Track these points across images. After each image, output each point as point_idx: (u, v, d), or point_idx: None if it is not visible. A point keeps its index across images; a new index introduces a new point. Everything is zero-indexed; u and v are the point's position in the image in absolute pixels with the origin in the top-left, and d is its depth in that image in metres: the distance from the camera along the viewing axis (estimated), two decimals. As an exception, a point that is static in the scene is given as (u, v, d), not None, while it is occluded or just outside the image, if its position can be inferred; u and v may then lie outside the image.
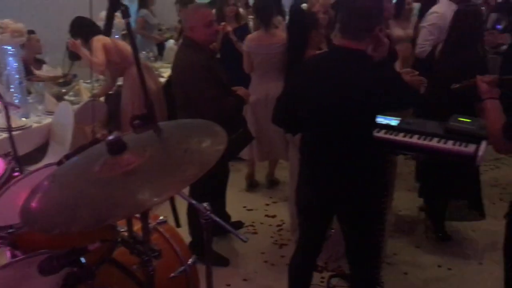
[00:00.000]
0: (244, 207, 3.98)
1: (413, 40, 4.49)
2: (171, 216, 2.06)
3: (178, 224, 1.65)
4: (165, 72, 5.05)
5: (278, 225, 3.65)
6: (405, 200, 3.87)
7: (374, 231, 2.24)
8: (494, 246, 3.18)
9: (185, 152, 1.30)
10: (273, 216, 3.81)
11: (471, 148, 2.38)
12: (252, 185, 4.32)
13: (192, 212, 2.78)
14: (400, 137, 2.54)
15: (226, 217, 3.48)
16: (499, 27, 5.22)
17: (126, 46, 4.02)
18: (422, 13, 4.56)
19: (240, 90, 3.02)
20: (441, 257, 3.26)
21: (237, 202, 3.97)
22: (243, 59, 3.87)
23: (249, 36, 3.90)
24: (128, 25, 1.55)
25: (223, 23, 4.39)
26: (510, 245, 2.02)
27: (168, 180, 1.25)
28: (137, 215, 1.51)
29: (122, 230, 1.63)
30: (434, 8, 4.00)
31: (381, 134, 2.57)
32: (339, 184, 2.10)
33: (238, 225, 3.59)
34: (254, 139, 3.47)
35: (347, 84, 1.94)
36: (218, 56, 4.56)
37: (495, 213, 3.32)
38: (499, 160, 4.68)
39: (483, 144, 2.37)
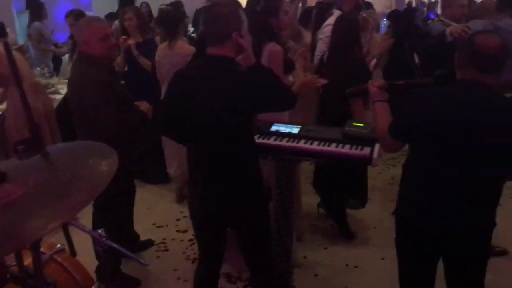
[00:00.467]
0: (154, 224, 3.88)
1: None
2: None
3: (73, 253, 1.54)
4: (62, 89, 4.78)
5: (190, 240, 3.60)
6: (312, 202, 4.00)
7: (265, 238, 2.29)
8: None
9: (73, 178, 1.22)
10: (185, 231, 3.74)
11: (366, 151, 2.52)
12: (182, 197, 4.22)
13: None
14: (301, 144, 2.62)
15: (134, 236, 3.36)
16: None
17: (18, 61, 3.72)
18: (316, 23, 4.77)
19: (142, 105, 2.94)
20: (348, 256, 3.41)
21: (146, 219, 3.86)
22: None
23: (159, 45, 4.07)
24: (6, 44, 1.44)
25: (123, 37, 4.26)
26: (399, 239, 2.17)
27: (55, 208, 1.16)
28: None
29: (12, 264, 1.50)
30: (329, 21, 4.19)
31: (284, 142, 2.64)
32: (223, 194, 2.13)
33: (148, 243, 3.48)
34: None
35: (215, 91, 1.98)
36: (126, 69, 4.44)
37: (390, 209, 3.55)
38: (395, 159, 5.02)
39: (377, 146, 2.52)
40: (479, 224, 1.97)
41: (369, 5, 6.35)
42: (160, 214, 4.07)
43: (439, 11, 10.43)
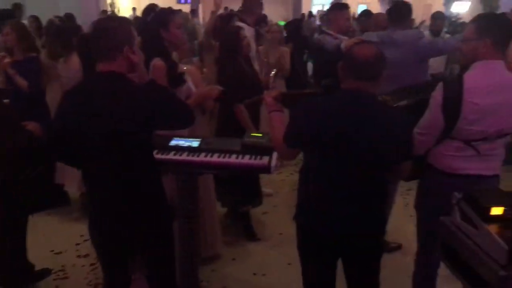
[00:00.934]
0: (52, 251, 3.62)
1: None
2: None
3: None
4: None
5: (92, 264, 3.41)
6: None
7: (168, 259, 2.24)
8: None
9: None
10: (86, 256, 3.54)
11: (265, 160, 2.57)
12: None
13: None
14: (201, 157, 2.61)
15: (28, 266, 3.10)
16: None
17: None
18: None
19: (30, 125, 2.74)
20: (255, 265, 3.45)
21: (42, 247, 3.60)
22: None
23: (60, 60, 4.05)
24: None
25: (1, 54, 3.97)
26: (300, 245, 2.24)
27: None
28: None
29: None
30: None
31: (184, 156, 2.60)
32: (122, 215, 2.04)
33: (45, 273, 3.23)
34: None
35: (109, 109, 1.90)
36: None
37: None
38: (298, 166, 5.17)
39: (275, 155, 2.59)
40: (371, 223, 2.10)
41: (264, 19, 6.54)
42: (58, 239, 3.81)
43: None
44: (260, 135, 2.70)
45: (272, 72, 4.75)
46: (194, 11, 13.08)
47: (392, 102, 2.40)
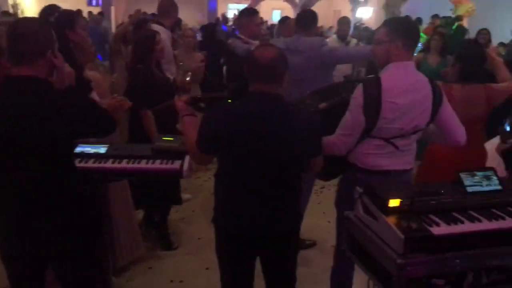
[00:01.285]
0: None
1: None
2: None
3: None
4: None
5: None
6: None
7: (87, 272, 2.14)
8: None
9: None
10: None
11: (176, 164, 2.53)
12: None
13: None
14: (109, 164, 2.51)
15: None
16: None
17: None
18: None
19: None
20: (173, 272, 3.38)
21: None
22: None
23: None
24: None
25: None
26: (218, 247, 2.23)
27: None
28: None
29: None
30: None
31: (90, 164, 2.49)
32: (40, 228, 1.93)
33: None
34: None
35: (22, 115, 1.78)
36: None
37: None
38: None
39: (187, 159, 2.55)
40: (286, 222, 2.14)
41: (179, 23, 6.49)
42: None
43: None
44: (172, 139, 2.65)
45: (188, 77, 4.70)
46: (103, 13, 12.64)
47: (312, 105, 2.46)
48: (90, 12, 13.04)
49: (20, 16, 12.96)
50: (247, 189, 2.04)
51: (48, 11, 3.08)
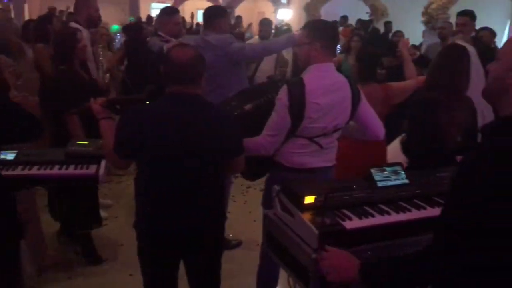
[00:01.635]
0: None
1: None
2: None
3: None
4: None
5: None
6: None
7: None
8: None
9: None
10: None
11: (92, 169, 2.44)
12: None
13: None
14: (18, 171, 2.37)
15: None
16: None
17: None
18: (35, 36, 4.45)
19: None
20: (94, 281, 3.25)
21: None
22: None
23: None
24: None
25: None
26: (141, 252, 2.17)
27: None
28: None
29: None
30: None
31: (-4, 171, 2.33)
32: None
33: None
34: None
35: None
36: None
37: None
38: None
39: (103, 163, 2.47)
40: (209, 221, 2.12)
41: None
42: None
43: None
44: (87, 142, 2.55)
45: (107, 77, 4.55)
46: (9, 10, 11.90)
47: (237, 106, 2.46)
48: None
49: None
50: (166, 191, 2.00)
51: None
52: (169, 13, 3.99)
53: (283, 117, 2.28)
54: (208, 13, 3.53)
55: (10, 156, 2.43)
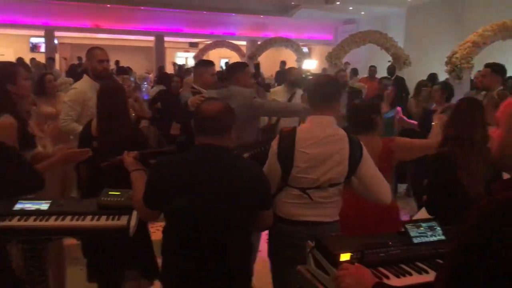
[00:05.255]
0: None
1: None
2: None
3: None
4: None
5: None
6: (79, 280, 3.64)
7: None
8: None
9: None
10: None
11: (123, 220, 2.44)
12: None
13: None
14: (51, 221, 2.38)
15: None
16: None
17: None
18: None
19: None
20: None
21: None
22: None
23: None
24: None
25: None
26: None
27: None
28: None
29: None
30: (75, 84, 4.03)
31: (31, 222, 2.35)
32: None
33: None
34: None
35: None
36: None
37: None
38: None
39: (134, 214, 2.47)
40: (241, 283, 2.08)
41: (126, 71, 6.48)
42: None
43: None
44: (118, 193, 2.57)
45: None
46: (50, 61, 12.43)
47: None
48: (33, 59, 12.78)
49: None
50: (191, 245, 1.98)
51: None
52: (205, 64, 4.19)
53: (272, 163, 2.33)
54: (229, 68, 3.70)
55: (44, 206, 2.45)
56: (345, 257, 1.74)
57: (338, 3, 13.65)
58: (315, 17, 17.09)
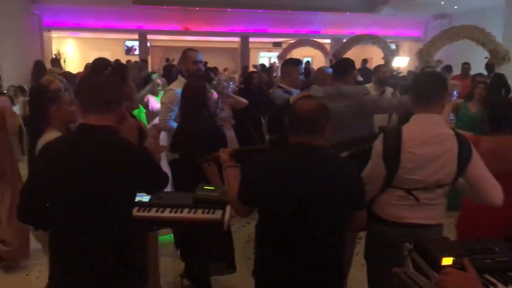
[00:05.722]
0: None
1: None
2: None
3: None
4: None
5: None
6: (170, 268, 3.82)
7: None
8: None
9: None
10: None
11: (218, 214, 2.53)
12: None
13: None
14: (152, 212, 2.53)
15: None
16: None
17: None
18: None
19: None
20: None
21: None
22: None
23: None
24: None
25: None
26: None
27: None
28: None
29: None
30: (171, 85, 4.23)
31: (134, 212, 2.50)
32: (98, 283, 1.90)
33: None
34: None
35: (92, 166, 1.83)
36: None
37: (249, 269, 3.56)
38: (250, 216, 5.11)
39: (228, 208, 2.55)
40: (326, 280, 2.06)
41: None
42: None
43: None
44: (213, 188, 2.67)
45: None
46: (146, 61, 13.20)
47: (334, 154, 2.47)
48: (129, 61, 13.61)
49: (63, 64, 13.64)
50: (284, 243, 1.99)
51: (101, 64, 3.22)
52: (294, 63, 4.16)
53: (377, 164, 2.27)
54: (340, 66, 3.60)
55: (145, 198, 2.62)
56: (447, 261, 1.66)
57: (429, -3, 13.06)
58: (403, 13, 16.46)
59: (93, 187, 1.83)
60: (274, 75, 11.53)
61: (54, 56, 14.42)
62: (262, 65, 14.61)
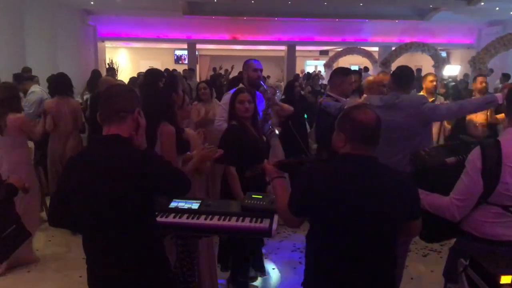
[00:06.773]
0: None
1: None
2: None
3: None
4: None
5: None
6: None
7: None
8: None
9: None
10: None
11: (266, 222, 2.53)
12: None
13: None
14: (201, 220, 2.56)
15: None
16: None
17: None
18: None
19: (11, 178, 2.64)
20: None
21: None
22: None
23: None
24: None
25: None
26: None
27: None
28: None
29: None
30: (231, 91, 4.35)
31: (183, 219, 2.56)
32: (127, 282, 1.97)
33: None
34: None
35: (112, 174, 1.90)
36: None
37: (296, 278, 3.55)
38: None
39: (275, 218, 2.55)
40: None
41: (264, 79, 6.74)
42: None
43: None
44: (261, 196, 2.67)
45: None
46: (193, 70, 13.48)
47: (435, 157, 2.42)
48: (174, 70, 13.93)
49: (118, 72, 14.14)
50: (334, 254, 1.95)
51: (156, 76, 3.33)
52: (345, 73, 4.08)
53: (475, 181, 2.13)
54: (401, 74, 3.52)
55: (194, 205, 2.66)
56: (506, 279, 1.59)
57: (482, 3, 12.59)
58: (454, 20, 15.97)
59: (100, 197, 1.90)
60: (320, 82, 11.47)
61: (107, 66, 14.97)
62: (308, 74, 14.58)
